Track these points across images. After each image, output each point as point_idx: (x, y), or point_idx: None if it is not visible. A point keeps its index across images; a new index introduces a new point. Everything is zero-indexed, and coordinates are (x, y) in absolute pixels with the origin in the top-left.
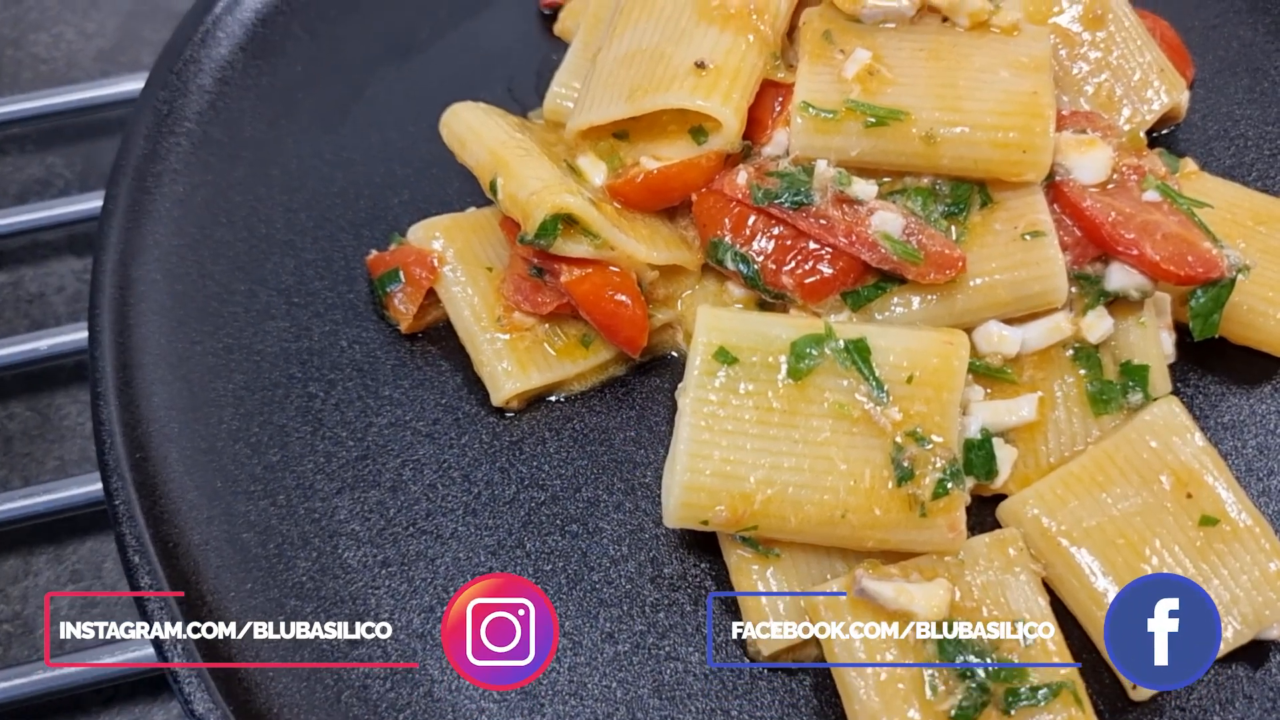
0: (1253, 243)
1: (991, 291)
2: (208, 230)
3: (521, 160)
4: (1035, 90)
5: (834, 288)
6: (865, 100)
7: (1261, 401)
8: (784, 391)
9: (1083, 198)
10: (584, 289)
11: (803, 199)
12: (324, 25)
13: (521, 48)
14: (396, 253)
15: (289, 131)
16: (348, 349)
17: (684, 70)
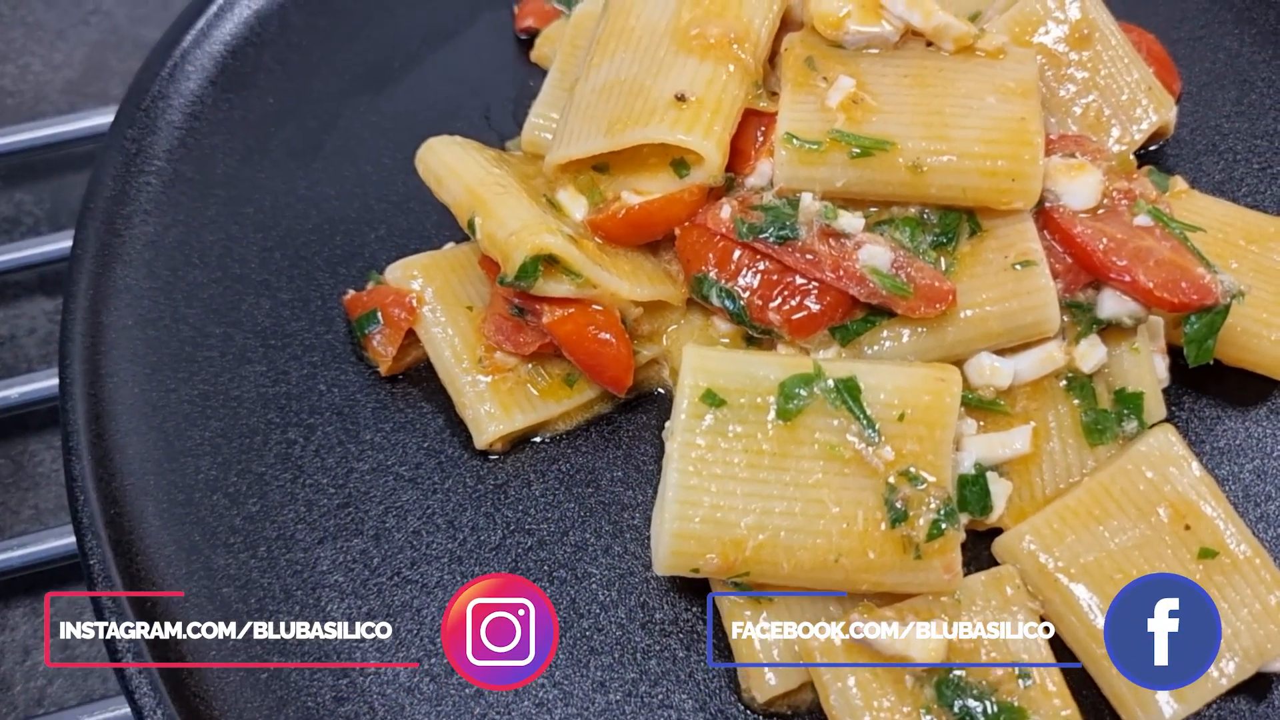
0: (1245, 263)
1: (983, 323)
2: (180, 272)
3: (499, 198)
4: (1023, 116)
5: (822, 323)
6: (850, 130)
7: (1257, 424)
8: (774, 433)
9: (1073, 224)
10: (567, 329)
11: (788, 233)
12: (295, 56)
13: (498, 74)
14: (374, 293)
15: (262, 167)
16: (327, 392)
17: (664, 103)
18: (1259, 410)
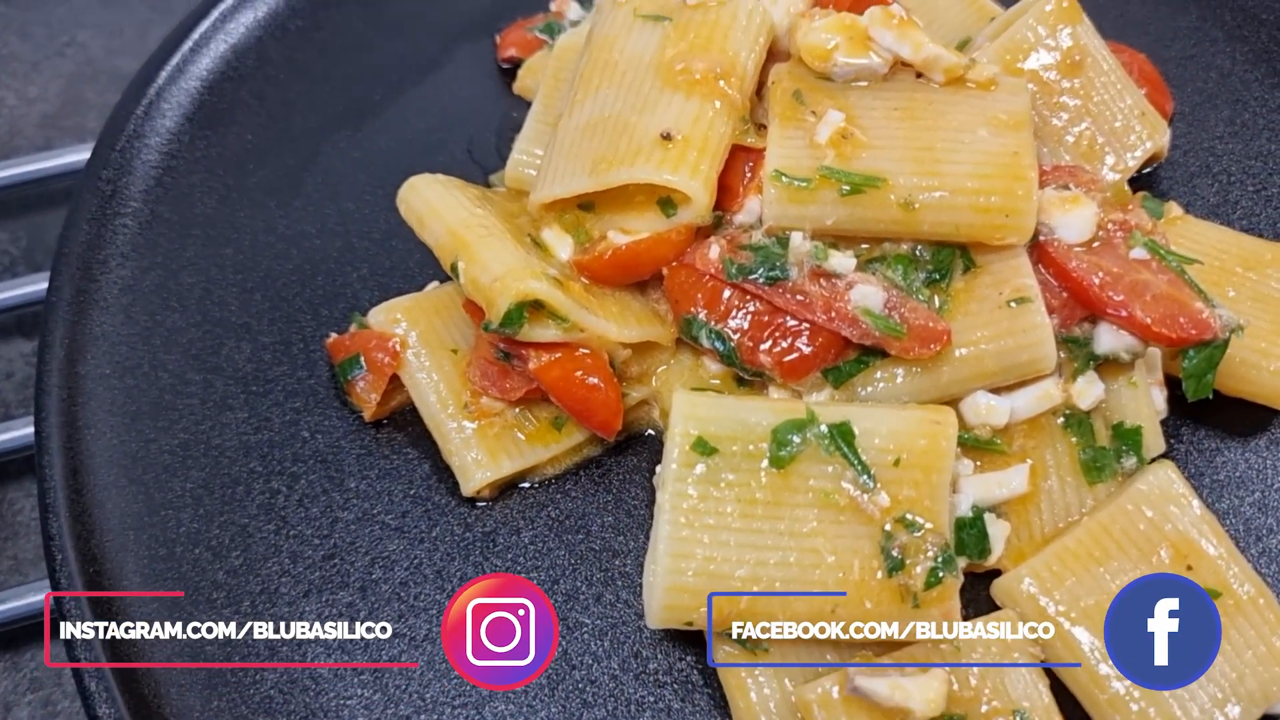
0: (1243, 291)
1: (978, 362)
2: (159, 317)
3: (483, 241)
4: (1016, 150)
5: (814, 365)
6: (840, 167)
7: (1258, 455)
8: (767, 481)
9: (1068, 258)
10: (554, 375)
11: (778, 274)
12: (274, 91)
13: (480, 106)
14: (356, 337)
15: (241, 206)
16: (310, 439)
17: (649, 142)
18: (1259, 441)
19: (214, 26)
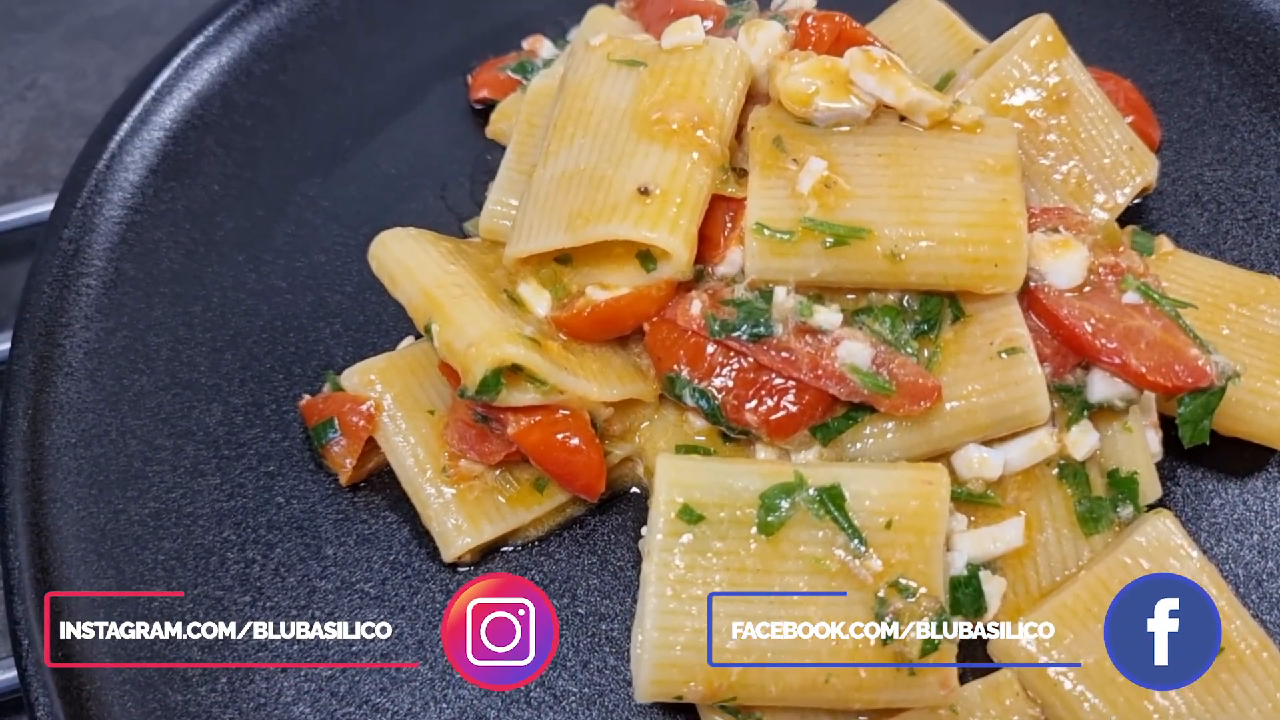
0: (1237, 329)
1: (970, 415)
2: (126, 381)
3: (457, 302)
4: (1004, 197)
5: (801, 424)
6: (823, 218)
7: (1255, 496)
8: (756, 549)
9: (1060, 305)
10: (534, 439)
11: (762, 330)
12: (240, 138)
13: (453, 149)
14: (330, 400)
15: (209, 261)
16: (285, 505)
17: (626, 197)
18: (1256, 481)
19: (177, 73)
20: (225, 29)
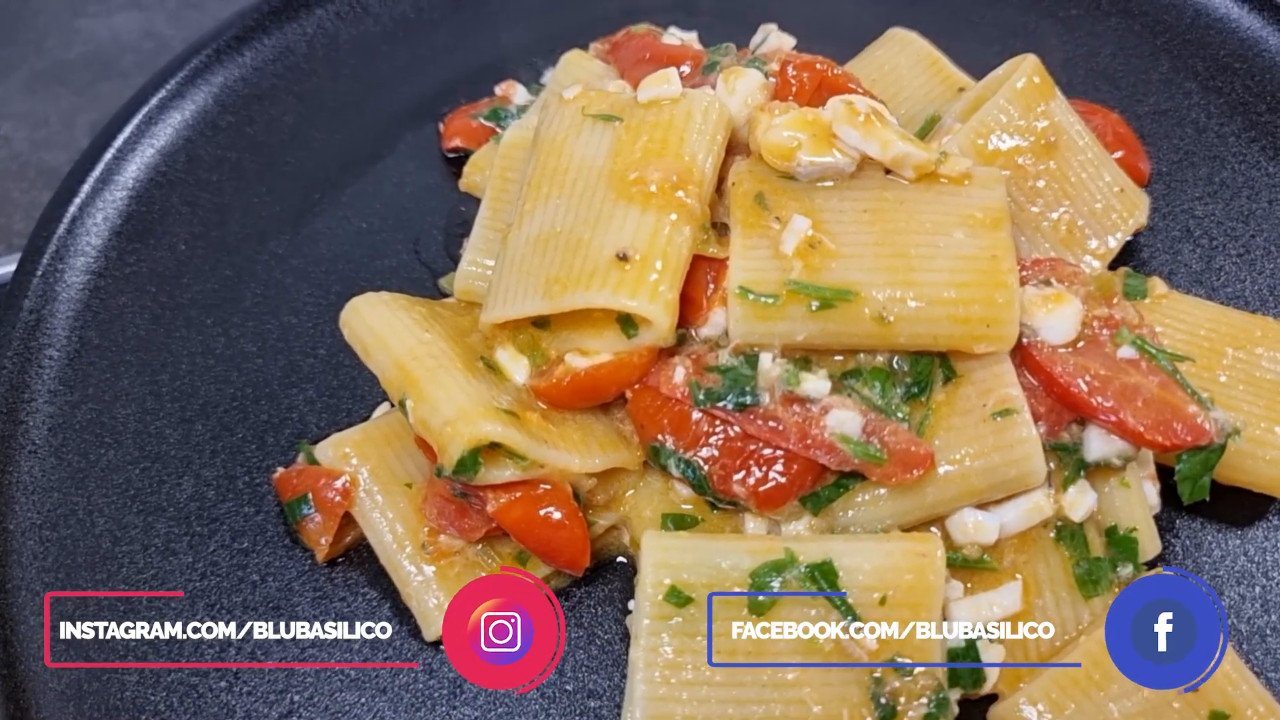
0: (1234, 375)
1: (964, 480)
2: (92, 456)
3: (432, 376)
4: (994, 254)
5: (791, 495)
6: (808, 280)
7: (1256, 546)
8: (747, 629)
9: (1054, 363)
10: (514, 516)
11: (748, 399)
12: (206, 195)
13: (426, 201)
14: (304, 474)
15: (176, 326)
16: (261, 584)
17: (604, 263)
18: (1256, 531)
19: (139, 129)
20: (188, 81)
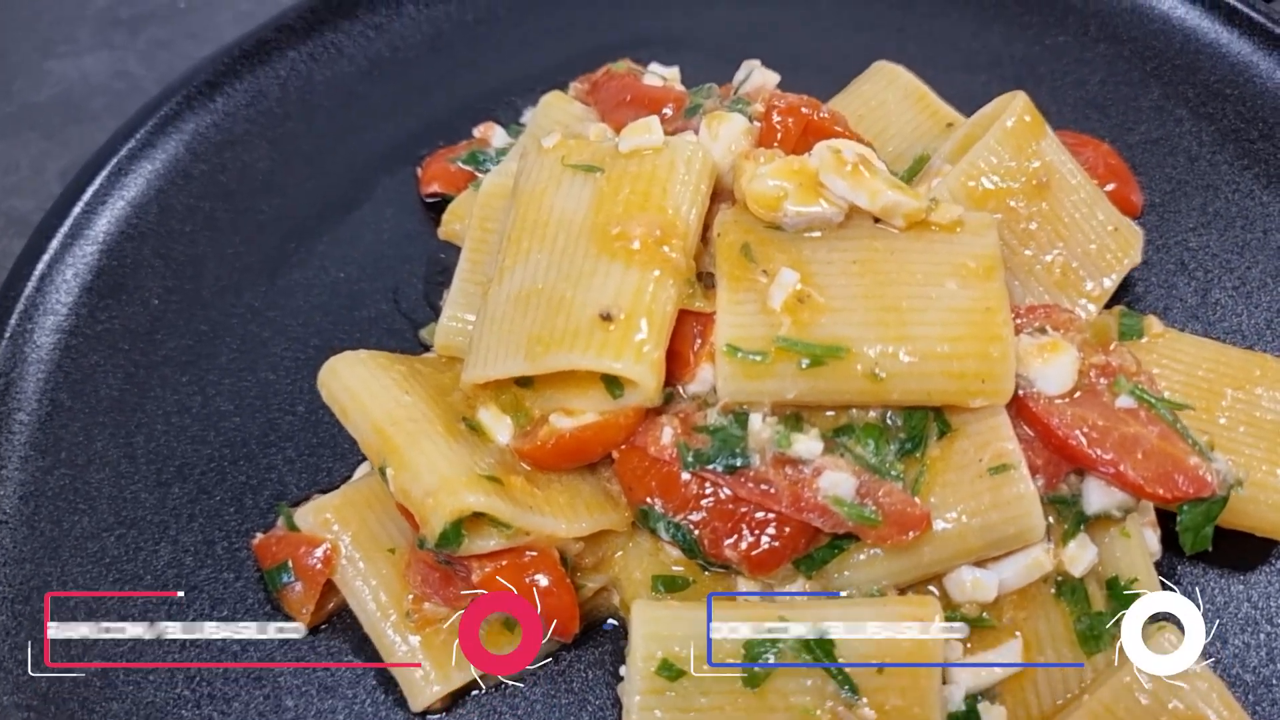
0: (1234, 416)
1: (961, 539)
2: (65, 524)
3: (412, 442)
4: (988, 305)
5: (784, 558)
6: (798, 337)
7: (1260, 592)
8: (742, 702)
9: (1050, 414)
10: (501, 585)
11: (738, 462)
12: (179, 247)
13: (404, 248)
14: (284, 541)
15: (150, 385)
16: (241, 654)
17: (587, 323)
18: (1259, 576)
19: (109, 181)
20: (158, 129)
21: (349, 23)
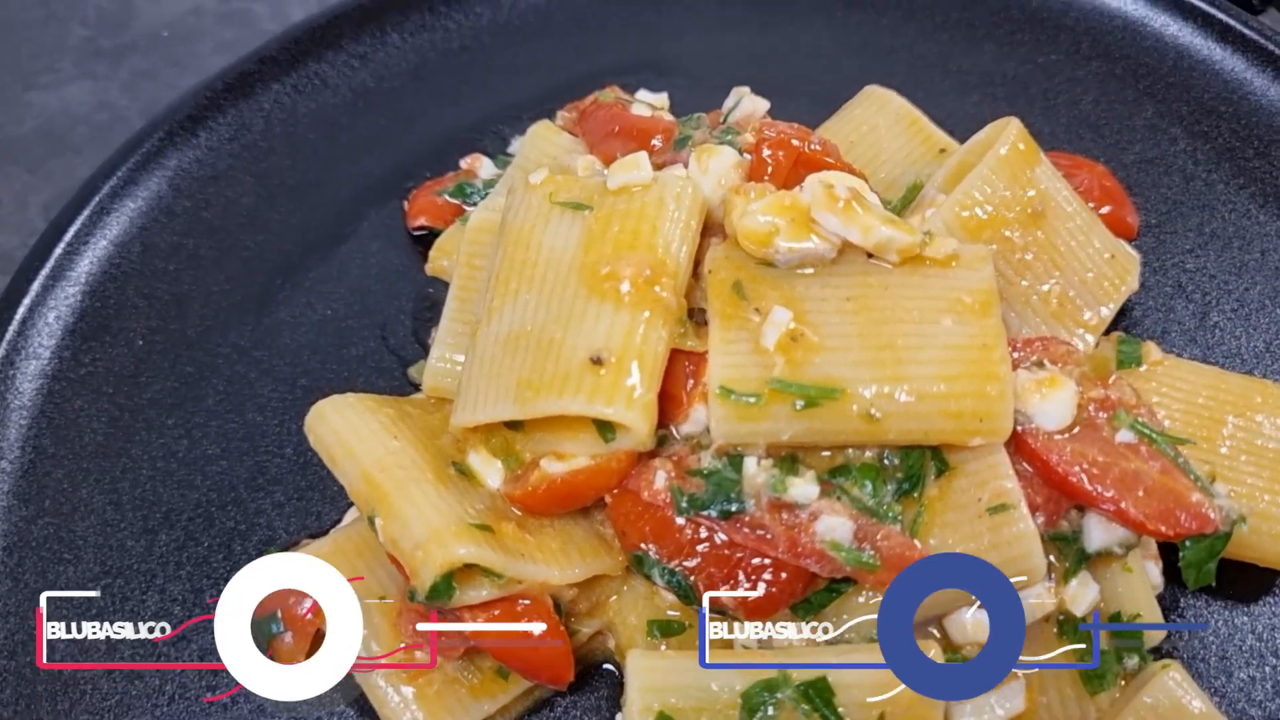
0: (1236, 445)
1: None
2: (50, 575)
3: (402, 491)
4: (985, 343)
5: (781, 604)
6: (792, 378)
7: (1263, 623)
8: None
9: (1050, 451)
10: (494, 635)
11: (734, 507)
12: (163, 286)
13: (392, 283)
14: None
15: (135, 429)
16: (233, 706)
17: (577, 366)
18: (1263, 607)
19: (91, 219)
20: (140, 167)
21: (332, 53)
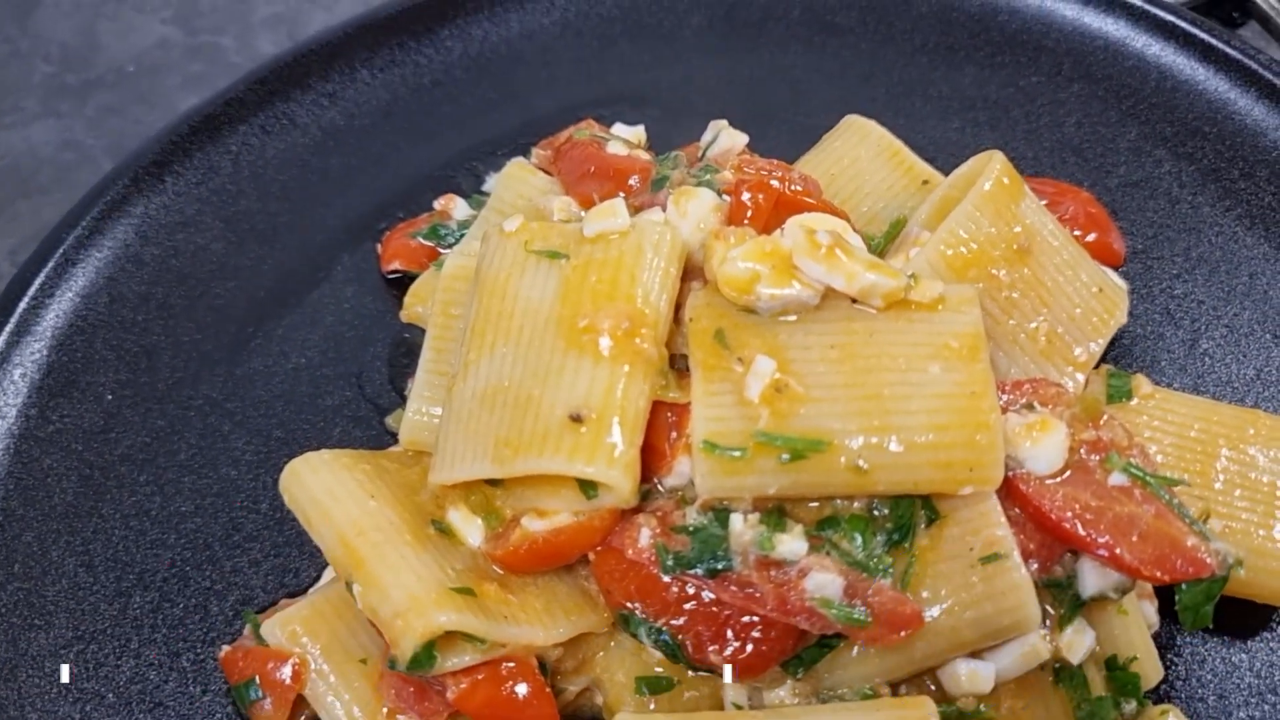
0: (1230, 480)
1: (954, 633)
2: (21, 643)
3: (379, 555)
4: (973, 390)
5: (771, 661)
6: (777, 431)
7: (1261, 659)
8: None
9: (1042, 497)
10: (478, 701)
11: (720, 565)
12: (132, 338)
13: (368, 329)
14: (251, 655)
15: (107, 487)
16: None
17: (556, 424)
18: (1260, 644)
19: (55, 272)
20: (105, 215)
21: (300, 91)
